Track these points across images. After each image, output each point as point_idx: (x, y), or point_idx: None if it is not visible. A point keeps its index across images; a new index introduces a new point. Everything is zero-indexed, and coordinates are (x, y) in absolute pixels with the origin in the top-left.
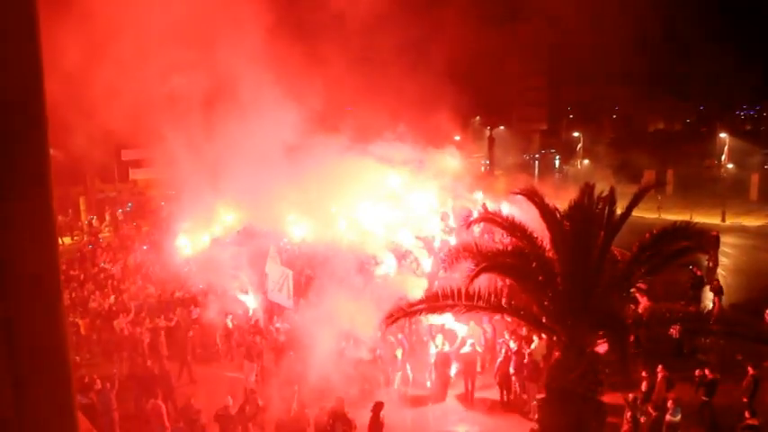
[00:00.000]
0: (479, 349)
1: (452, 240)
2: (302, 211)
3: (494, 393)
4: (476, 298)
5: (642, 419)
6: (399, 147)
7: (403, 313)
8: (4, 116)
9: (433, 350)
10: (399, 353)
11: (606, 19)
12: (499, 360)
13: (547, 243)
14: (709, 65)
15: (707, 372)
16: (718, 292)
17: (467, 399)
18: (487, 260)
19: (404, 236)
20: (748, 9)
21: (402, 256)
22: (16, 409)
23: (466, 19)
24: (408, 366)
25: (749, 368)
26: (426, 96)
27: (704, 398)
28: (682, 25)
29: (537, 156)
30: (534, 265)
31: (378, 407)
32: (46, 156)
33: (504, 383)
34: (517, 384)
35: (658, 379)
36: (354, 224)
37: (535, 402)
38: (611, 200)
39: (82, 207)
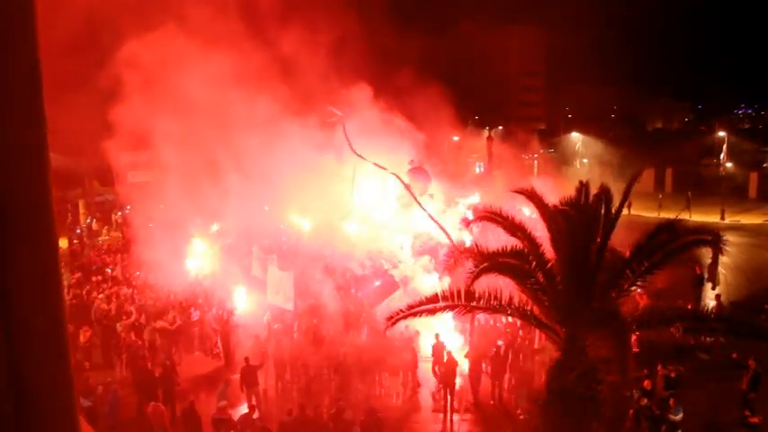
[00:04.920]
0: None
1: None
2: (304, 210)
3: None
4: (476, 298)
5: (643, 418)
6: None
7: (403, 315)
8: (3, 116)
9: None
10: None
11: (605, 19)
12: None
13: (546, 242)
14: (708, 64)
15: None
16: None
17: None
18: (487, 260)
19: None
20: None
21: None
22: (16, 411)
23: (464, 19)
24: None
25: (750, 362)
26: (425, 96)
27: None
28: (681, 26)
29: (536, 155)
30: (534, 264)
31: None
32: (45, 155)
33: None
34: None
35: (658, 377)
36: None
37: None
38: (606, 196)
39: (81, 210)
